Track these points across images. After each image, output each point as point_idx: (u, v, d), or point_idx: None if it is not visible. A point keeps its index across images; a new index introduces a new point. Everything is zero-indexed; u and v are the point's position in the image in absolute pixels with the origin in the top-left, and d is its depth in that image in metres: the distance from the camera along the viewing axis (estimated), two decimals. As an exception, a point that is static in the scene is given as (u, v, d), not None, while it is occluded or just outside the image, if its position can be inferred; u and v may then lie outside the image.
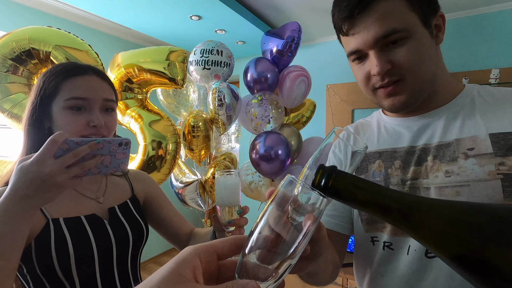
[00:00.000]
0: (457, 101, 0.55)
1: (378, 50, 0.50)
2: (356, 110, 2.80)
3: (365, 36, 0.50)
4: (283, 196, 0.28)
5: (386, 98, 0.54)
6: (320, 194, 0.28)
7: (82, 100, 0.64)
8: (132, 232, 0.73)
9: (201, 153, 1.74)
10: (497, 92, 0.54)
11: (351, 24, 0.51)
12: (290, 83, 1.82)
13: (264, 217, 0.27)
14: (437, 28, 0.53)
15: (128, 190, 0.80)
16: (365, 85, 0.55)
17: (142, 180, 0.85)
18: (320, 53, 2.93)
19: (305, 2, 2.19)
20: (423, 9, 0.50)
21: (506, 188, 0.45)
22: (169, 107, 1.98)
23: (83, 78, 0.66)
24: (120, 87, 1.39)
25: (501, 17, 2.22)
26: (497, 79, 2.12)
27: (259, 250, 0.26)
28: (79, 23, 2.51)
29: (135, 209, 0.77)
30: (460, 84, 0.58)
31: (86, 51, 1.17)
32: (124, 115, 1.40)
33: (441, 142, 0.53)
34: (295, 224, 0.27)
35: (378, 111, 0.68)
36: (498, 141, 0.48)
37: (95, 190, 0.73)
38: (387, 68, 0.50)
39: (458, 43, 2.35)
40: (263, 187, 1.92)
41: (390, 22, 0.48)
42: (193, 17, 2.28)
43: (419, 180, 0.53)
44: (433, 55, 0.52)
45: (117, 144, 0.59)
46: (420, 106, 0.56)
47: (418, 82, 0.51)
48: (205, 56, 1.78)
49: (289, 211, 0.27)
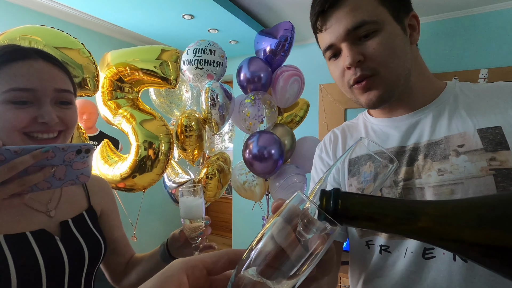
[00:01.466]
0: (441, 98, 0.56)
1: (350, 43, 0.51)
2: (348, 110, 2.83)
3: (336, 29, 0.51)
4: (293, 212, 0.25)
5: (362, 94, 0.54)
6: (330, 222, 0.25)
7: (26, 92, 0.51)
8: (88, 248, 0.63)
9: (194, 153, 1.73)
10: (477, 88, 0.55)
11: (323, 19, 0.53)
12: (283, 83, 1.82)
13: (269, 231, 0.25)
14: (411, 27, 0.54)
15: (84, 200, 0.69)
16: (341, 82, 0.56)
17: (102, 190, 0.74)
18: (313, 53, 2.95)
19: (298, 2, 2.20)
20: (393, 4, 0.51)
21: (499, 184, 0.45)
22: (162, 107, 1.96)
23: (27, 64, 0.53)
24: (111, 86, 1.37)
25: (489, 19, 2.26)
26: (486, 79, 2.17)
27: (260, 266, 0.24)
28: (72, 22, 2.47)
29: (91, 222, 0.67)
30: (442, 82, 0.59)
31: (78, 49, 1.15)
32: (116, 115, 1.39)
33: (430, 140, 0.53)
34: (304, 241, 0.25)
35: (363, 112, 0.68)
36: (486, 136, 0.48)
37: (45, 202, 0.61)
38: (359, 58, 0.50)
39: (448, 44, 2.39)
40: (256, 186, 1.92)
41: (360, 14, 0.49)
42: (186, 16, 2.27)
43: (412, 181, 0.53)
44: (407, 51, 0.53)
45: (75, 151, 0.48)
46: (403, 104, 0.57)
47: (392, 75, 0.52)
48: (198, 56, 1.77)
49: (298, 227, 0.25)
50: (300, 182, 1.80)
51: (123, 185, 1.42)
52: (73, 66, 1.12)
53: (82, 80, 1.15)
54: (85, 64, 1.15)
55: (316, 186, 0.34)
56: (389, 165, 0.34)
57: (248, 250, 0.25)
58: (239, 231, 3.56)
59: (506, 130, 0.47)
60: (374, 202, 0.27)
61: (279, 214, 0.26)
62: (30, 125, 0.52)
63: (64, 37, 1.15)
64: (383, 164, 0.34)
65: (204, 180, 1.85)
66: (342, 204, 0.27)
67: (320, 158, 0.68)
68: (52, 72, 0.56)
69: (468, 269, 0.47)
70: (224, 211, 4.12)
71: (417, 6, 2.21)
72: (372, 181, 0.51)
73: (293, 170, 1.83)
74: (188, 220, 0.70)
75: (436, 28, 2.42)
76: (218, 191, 1.92)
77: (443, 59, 2.41)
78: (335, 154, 0.65)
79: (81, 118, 2.01)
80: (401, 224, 0.26)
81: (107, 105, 1.38)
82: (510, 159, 0.46)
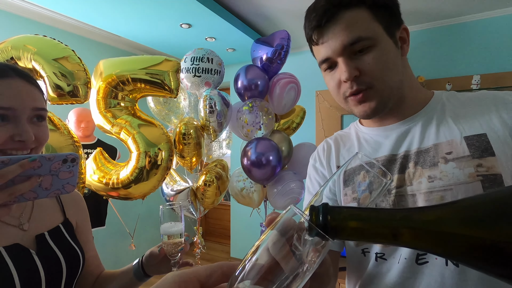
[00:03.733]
0: (429, 107, 0.58)
1: (346, 57, 0.52)
2: (345, 116, 2.86)
3: (333, 44, 0.52)
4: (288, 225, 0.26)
5: (357, 105, 0.56)
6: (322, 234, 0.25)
7: (5, 110, 0.52)
8: (66, 261, 0.61)
9: (192, 160, 1.74)
10: (462, 97, 0.57)
11: (320, 33, 0.54)
12: (280, 90, 1.85)
13: (263, 244, 0.25)
14: (401, 40, 0.56)
15: (59, 213, 0.68)
16: (336, 93, 0.57)
17: (76, 204, 0.73)
18: (309, 60, 2.98)
19: (293, 11, 2.24)
20: (386, 20, 0.53)
21: (487, 189, 0.47)
22: (160, 114, 1.97)
23: (5, 82, 0.53)
24: (108, 94, 1.37)
25: (481, 26, 2.32)
26: (478, 84, 2.21)
27: (254, 279, 0.24)
28: (69, 31, 2.49)
29: (69, 235, 0.66)
30: (429, 92, 0.61)
31: (68, 56, 1.14)
32: (114, 124, 1.39)
33: (420, 148, 0.55)
34: (298, 254, 0.25)
35: (355, 122, 0.70)
36: (473, 143, 0.50)
37: (17, 216, 0.60)
38: (355, 74, 0.52)
39: (441, 51, 2.44)
40: (254, 193, 1.92)
41: (356, 30, 0.51)
42: (183, 25, 2.30)
43: (404, 188, 0.54)
44: (398, 64, 0.55)
45: (61, 161, 0.48)
46: (394, 114, 0.59)
47: (386, 88, 0.53)
48: (196, 64, 1.79)
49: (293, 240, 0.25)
50: (298, 188, 1.81)
51: (122, 193, 1.42)
52: (63, 73, 1.12)
53: (73, 88, 1.14)
54: (75, 71, 1.15)
55: (312, 199, 0.35)
56: (383, 179, 0.35)
57: (242, 263, 0.25)
58: (237, 238, 3.54)
59: (491, 137, 0.49)
60: (361, 214, 0.28)
61: (273, 227, 0.26)
62: (6, 143, 0.52)
63: (55, 44, 1.16)
64: (378, 176, 0.35)
65: (202, 187, 1.85)
66: (331, 218, 0.27)
67: (314, 168, 0.69)
68: (30, 91, 0.56)
69: (460, 273, 0.48)
70: (222, 218, 4.10)
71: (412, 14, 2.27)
72: (367, 191, 0.52)
73: (291, 176, 1.84)
74: (167, 237, 0.71)
75: (430, 35, 2.47)
76: (217, 198, 1.92)
77: (437, 65, 2.45)
78: (329, 163, 0.66)
79: (78, 126, 2.01)
80: (389, 235, 0.27)
81: (103, 114, 1.37)
82: (496, 165, 0.47)
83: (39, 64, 1.11)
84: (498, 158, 0.47)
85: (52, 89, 1.13)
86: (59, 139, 1.13)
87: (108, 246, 2.82)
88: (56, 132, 1.14)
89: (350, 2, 0.51)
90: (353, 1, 0.51)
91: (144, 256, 0.75)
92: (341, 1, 0.51)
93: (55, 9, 2.10)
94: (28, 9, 2.14)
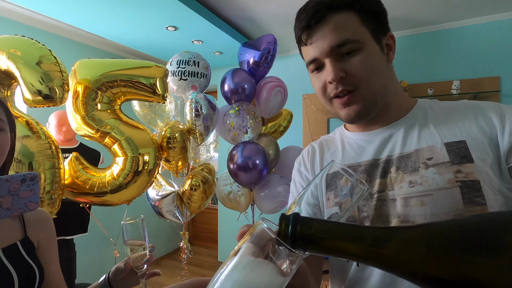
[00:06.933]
0: (412, 113, 0.59)
1: (333, 58, 0.53)
2: (331, 119, 2.89)
3: (321, 45, 0.53)
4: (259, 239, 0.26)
5: (342, 108, 0.56)
6: (289, 249, 0.25)
7: None
8: (20, 278, 0.61)
9: (178, 165, 1.71)
10: (444, 105, 0.59)
11: (309, 34, 0.55)
12: (266, 94, 1.86)
13: (236, 258, 0.26)
14: (388, 47, 0.57)
15: (19, 230, 0.67)
16: (322, 95, 0.58)
17: (42, 223, 0.72)
18: (296, 64, 3.01)
19: (280, 15, 2.26)
20: (373, 25, 0.54)
21: (465, 195, 0.48)
22: (145, 118, 1.94)
23: None
24: (90, 97, 1.32)
25: (461, 33, 2.41)
26: (458, 89, 2.29)
27: None
28: (53, 32, 2.43)
29: (27, 252, 0.65)
30: (413, 99, 0.62)
31: (43, 55, 1.09)
32: (97, 130, 1.34)
33: (402, 153, 0.55)
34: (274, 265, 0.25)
35: (340, 127, 0.71)
36: (453, 149, 0.51)
37: None
38: (341, 75, 0.53)
39: (423, 57, 2.51)
40: (242, 197, 1.91)
41: (344, 33, 0.52)
42: (169, 27, 2.28)
43: (385, 192, 0.54)
44: (384, 69, 0.56)
45: (19, 180, 0.49)
46: (378, 119, 0.59)
47: (370, 93, 0.54)
48: (182, 67, 1.78)
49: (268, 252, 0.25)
50: (285, 192, 1.82)
51: (105, 200, 1.38)
52: (38, 73, 1.07)
53: (48, 89, 1.09)
54: (51, 71, 1.10)
55: (292, 207, 0.35)
56: (361, 186, 0.35)
57: (213, 279, 0.25)
58: (225, 242, 3.51)
59: (470, 144, 0.51)
60: (331, 229, 0.27)
61: (245, 240, 0.26)
62: None
63: (30, 44, 1.11)
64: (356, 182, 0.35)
65: (188, 192, 1.83)
66: (301, 229, 0.26)
67: (299, 171, 0.69)
68: None
69: None
70: (209, 222, 4.06)
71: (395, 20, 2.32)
72: (349, 195, 0.52)
73: (278, 179, 1.84)
74: (130, 251, 0.72)
75: (413, 41, 2.54)
76: (203, 203, 1.90)
77: (419, 71, 2.53)
78: (313, 167, 0.67)
79: (60, 130, 1.95)
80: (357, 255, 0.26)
81: (84, 119, 1.31)
82: (474, 171, 0.48)
83: (14, 64, 1.06)
84: (476, 165, 0.49)
85: (27, 91, 1.09)
86: (35, 144, 1.08)
87: (91, 253, 2.74)
88: (32, 136, 1.09)
89: (339, 5, 0.52)
90: (342, 5, 0.52)
91: (111, 272, 0.75)
92: (331, 3, 0.52)
93: (34, 8, 2.04)
94: (5, 8, 2.07)
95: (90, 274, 2.65)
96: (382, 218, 0.54)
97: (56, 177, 1.14)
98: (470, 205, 0.47)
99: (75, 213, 1.90)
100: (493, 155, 0.49)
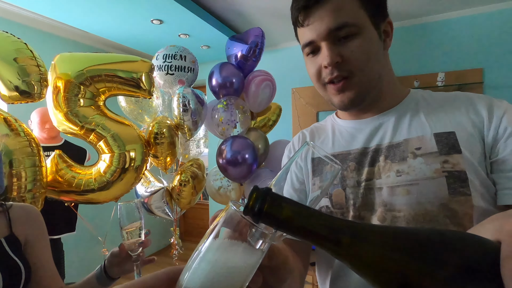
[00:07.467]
0: (404, 103, 0.59)
1: (330, 42, 0.52)
2: (320, 113, 2.91)
3: (318, 27, 0.52)
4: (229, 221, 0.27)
5: (336, 94, 0.56)
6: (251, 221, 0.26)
7: None
8: (3, 274, 0.61)
9: (166, 160, 1.69)
10: (437, 96, 0.59)
11: (306, 15, 0.53)
12: (255, 88, 1.84)
13: (208, 241, 0.26)
14: (385, 33, 0.57)
15: (4, 227, 0.68)
16: (316, 79, 0.57)
17: (30, 220, 0.73)
18: (284, 57, 3.01)
19: (267, 8, 2.24)
20: (372, 10, 0.53)
21: (451, 185, 0.48)
22: (132, 114, 1.90)
23: None
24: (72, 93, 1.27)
25: (446, 26, 2.44)
26: (443, 81, 2.33)
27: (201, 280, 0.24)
28: (34, 27, 2.33)
29: (12, 249, 0.66)
30: (406, 89, 0.62)
31: (18, 49, 1.04)
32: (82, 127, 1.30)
33: (391, 142, 0.56)
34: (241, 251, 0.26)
35: (332, 114, 0.70)
36: (441, 140, 0.51)
37: None
38: (337, 60, 0.52)
39: (410, 49, 2.54)
40: (232, 191, 1.91)
41: (342, 15, 0.51)
42: (154, 21, 2.23)
43: (373, 181, 0.55)
44: (380, 57, 0.55)
45: None
46: (370, 108, 0.59)
47: (365, 80, 0.54)
48: (168, 61, 1.74)
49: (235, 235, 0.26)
50: (275, 185, 1.82)
51: (91, 197, 1.35)
52: (13, 68, 1.03)
53: (25, 85, 1.04)
54: (28, 65, 1.05)
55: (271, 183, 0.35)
56: (335, 166, 0.35)
57: (186, 265, 0.25)
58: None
59: (459, 135, 0.51)
60: (298, 210, 0.27)
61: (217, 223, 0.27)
62: None
63: (5, 37, 1.06)
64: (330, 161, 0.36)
65: (177, 188, 1.81)
66: (268, 204, 0.27)
67: (294, 160, 0.69)
68: None
69: None
70: (201, 217, 4.05)
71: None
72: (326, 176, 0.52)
73: (268, 173, 1.84)
74: (126, 236, 0.73)
75: (399, 34, 2.57)
76: (193, 198, 1.89)
77: (406, 63, 2.56)
78: (305, 153, 0.66)
79: (43, 127, 1.89)
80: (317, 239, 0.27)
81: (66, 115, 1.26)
82: (461, 162, 0.49)
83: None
84: (464, 156, 0.49)
85: (3, 87, 1.04)
86: (14, 142, 1.04)
87: (80, 252, 2.69)
88: (10, 134, 1.05)
89: None
90: None
91: (107, 258, 0.76)
92: None
93: (10, 1, 1.96)
94: (-19, 1, 1.98)
95: (79, 273, 2.61)
96: (368, 206, 0.54)
97: (38, 175, 1.11)
98: (455, 195, 0.48)
99: (62, 212, 1.86)
100: (480, 147, 0.50)
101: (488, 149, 0.49)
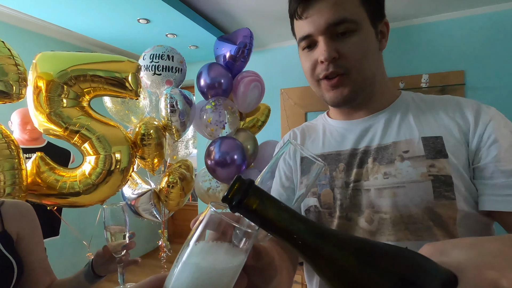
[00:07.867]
0: (394, 106, 0.59)
1: (327, 37, 0.51)
2: (309, 113, 2.93)
3: (317, 21, 0.51)
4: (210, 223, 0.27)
5: (329, 90, 0.55)
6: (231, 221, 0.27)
7: None
8: None
9: (154, 162, 1.67)
10: (428, 99, 0.59)
11: (306, 7, 0.52)
12: (244, 88, 1.84)
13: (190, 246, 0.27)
14: (381, 34, 0.57)
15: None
16: (311, 75, 0.56)
17: (22, 216, 0.73)
18: (273, 58, 3.02)
19: (256, 9, 2.24)
20: (372, 8, 0.53)
21: (436, 189, 0.49)
22: (118, 115, 1.87)
23: None
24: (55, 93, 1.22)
25: (430, 29, 2.51)
26: (427, 83, 2.39)
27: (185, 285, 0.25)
28: (19, 25, 2.26)
29: (3, 245, 0.66)
30: (397, 91, 0.63)
31: None
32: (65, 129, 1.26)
33: (380, 144, 0.56)
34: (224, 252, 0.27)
35: (323, 114, 0.70)
36: (429, 144, 0.52)
37: None
38: (334, 55, 0.51)
39: (395, 51, 2.59)
40: (221, 193, 1.90)
41: (342, 11, 0.50)
42: (141, 20, 2.19)
43: (361, 182, 0.55)
44: (376, 56, 0.55)
45: None
46: (362, 107, 0.60)
47: (360, 78, 0.54)
48: (155, 61, 1.72)
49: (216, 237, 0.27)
50: (264, 186, 1.82)
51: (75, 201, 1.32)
52: None
53: (3, 85, 1.01)
54: (5, 64, 1.02)
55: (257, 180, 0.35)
56: (318, 163, 0.36)
57: (170, 271, 0.26)
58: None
59: (446, 140, 0.51)
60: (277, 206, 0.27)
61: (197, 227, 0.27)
62: None
63: None
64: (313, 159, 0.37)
65: (165, 189, 1.79)
66: (249, 197, 0.27)
67: (283, 159, 0.67)
68: None
69: None
70: (190, 218, 3.95)
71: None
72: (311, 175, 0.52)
73: (257, 174, 1.84)
74: (110, 238, 0.74)
75: (384, 36, 2.62)
76: (181, 200, 1.87)
77: (391, 65, 2.60)
78: (294, 152, 0.66)
79: (24, 128, 1.83)
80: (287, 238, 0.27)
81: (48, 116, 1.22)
82: (447, 167, 0.50)
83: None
84: (450, 160, 0.50)
85: None
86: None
87: (65, 256, 2.62)
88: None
89: None
90: None
91: (93, 257, 0.78)
92: None
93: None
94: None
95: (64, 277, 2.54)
96: (356, 207, 0.55)
97: (17, 178, 1.07)
98: (440, 198, 0.48)
99: (44, 216, 1.81)
100: (465, 153, 0.50)
101: (472, 155, 0.50)
